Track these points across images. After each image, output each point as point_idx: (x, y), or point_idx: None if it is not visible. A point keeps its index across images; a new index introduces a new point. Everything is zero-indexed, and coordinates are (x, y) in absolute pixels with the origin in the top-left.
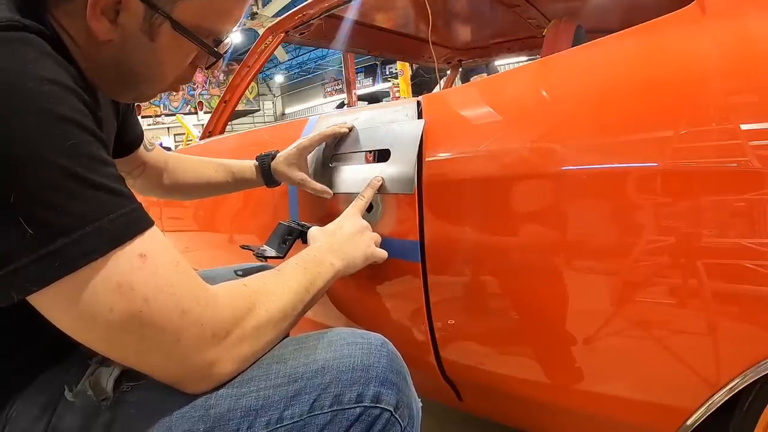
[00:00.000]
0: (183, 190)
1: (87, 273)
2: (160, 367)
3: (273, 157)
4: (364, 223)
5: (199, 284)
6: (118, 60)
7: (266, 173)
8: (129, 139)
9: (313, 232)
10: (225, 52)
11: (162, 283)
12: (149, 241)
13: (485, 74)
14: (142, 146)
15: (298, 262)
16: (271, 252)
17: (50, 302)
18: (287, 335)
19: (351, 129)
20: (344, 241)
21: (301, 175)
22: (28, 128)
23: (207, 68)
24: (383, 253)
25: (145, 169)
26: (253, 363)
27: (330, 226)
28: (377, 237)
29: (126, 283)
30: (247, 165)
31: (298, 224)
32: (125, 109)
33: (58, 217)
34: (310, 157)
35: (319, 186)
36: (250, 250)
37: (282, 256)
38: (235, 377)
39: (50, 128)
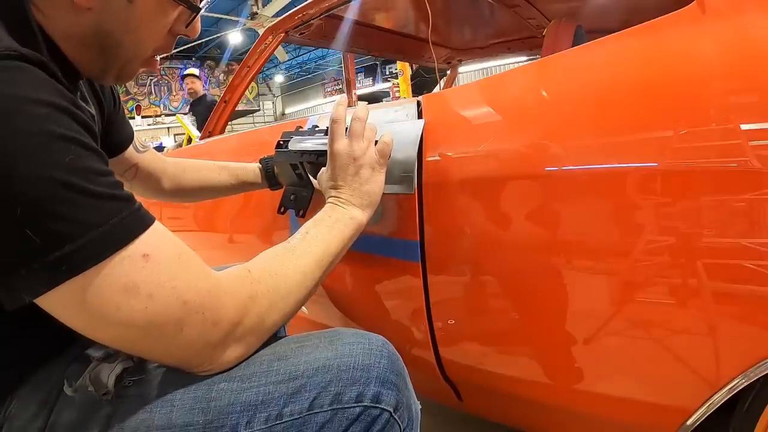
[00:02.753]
0: (185, 194)
1: (93, 275)
2: (167, 354)
3: None
4: (352, 146)
5: (201, 274)
6: (98, 28)
7: (270, 176)
8: (117, 140)
9: (322, 179)
10: (199, 10)
11: (164, 278)
12: (151, 239)
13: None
14: (132, 147)
15: (309, 230)
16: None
17: (59, 303)
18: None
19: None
20: (353, 181)
21: None
22: (28, 148)
23: (186, 26)
24: (389, 140)
25: (138, 171)
26: (256, 357)
27: (329, 168)
28: (370, 133)
29: (131, 283)
30: (251, 168)
31: (298, 156)
32: (111, 110)
33: (64, 225)
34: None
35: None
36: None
37: (309, 193)
38: (238, 370)
39: (48, 147)
